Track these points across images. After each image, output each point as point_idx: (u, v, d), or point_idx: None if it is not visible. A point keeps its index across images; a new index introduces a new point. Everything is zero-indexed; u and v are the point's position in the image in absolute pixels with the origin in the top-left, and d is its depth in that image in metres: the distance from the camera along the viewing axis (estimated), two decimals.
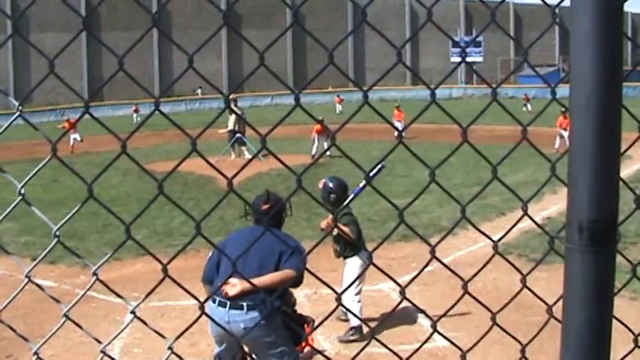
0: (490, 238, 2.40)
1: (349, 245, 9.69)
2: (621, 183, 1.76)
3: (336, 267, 10.05)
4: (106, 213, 14.04)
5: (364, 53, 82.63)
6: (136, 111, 52.09)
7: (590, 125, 1.66)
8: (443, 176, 16.79)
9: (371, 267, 2.42)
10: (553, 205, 16.43)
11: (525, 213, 2.31)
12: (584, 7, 1.64)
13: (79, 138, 33.18)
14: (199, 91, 70.39)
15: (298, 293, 7.37)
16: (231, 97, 66.55)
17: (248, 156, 28.16)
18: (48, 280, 11.94)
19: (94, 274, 2.14)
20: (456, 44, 78.83)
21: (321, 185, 9.99)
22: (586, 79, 1.65)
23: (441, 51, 79.78)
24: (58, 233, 2.00)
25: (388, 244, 13.65)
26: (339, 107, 55.04)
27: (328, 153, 26.00)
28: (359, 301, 9.57)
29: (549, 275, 9.62)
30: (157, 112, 1.86)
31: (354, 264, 9.69)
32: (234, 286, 6.67)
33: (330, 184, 9.94)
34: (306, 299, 10.83)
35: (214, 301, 6.86)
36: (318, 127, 27.88)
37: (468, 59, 74.72)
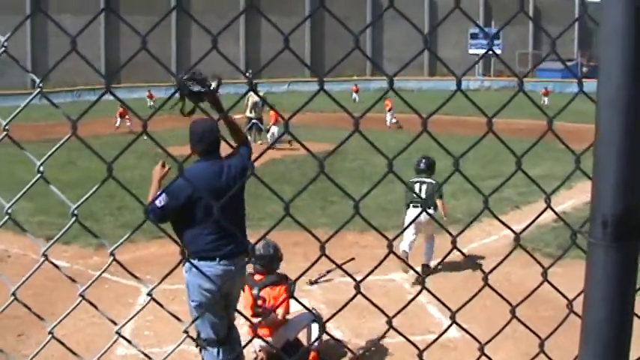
0: (512, 230, 2.38)
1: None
2: None
3: (348, 255, 10.06)
4: (122, 195, 14.05)
5: (382, 43, 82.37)
6: (150, 97, 51.67)
7: (617, 118, 1.64)
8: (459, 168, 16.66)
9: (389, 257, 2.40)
10: (568, 200, 16.38)
11: (548, 205, 2.29)
12: (615, 2, 1.62)
13: (128, 123, 34.11)
14: (248, 74, 70.53)
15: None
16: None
17: (260, 141, 28.32)
18: (61, 260, 11.98)
19: (111, 254, 2.15)
20: (474, 36, 78.54)
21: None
22: (615, 71, 1.63)
23: (459, 42, 79.44)
24: (76, 212, 2.00)
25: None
26: (355, 96, 54.87)
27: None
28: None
29: (564, 271, 9.53)
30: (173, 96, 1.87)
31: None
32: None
33: (424, 160, 11.94)
34: (318, 287, 10.85)
35: (213, 259, 6.79)
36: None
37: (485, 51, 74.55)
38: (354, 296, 2.48)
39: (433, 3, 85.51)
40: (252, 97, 28.12)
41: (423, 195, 11.75)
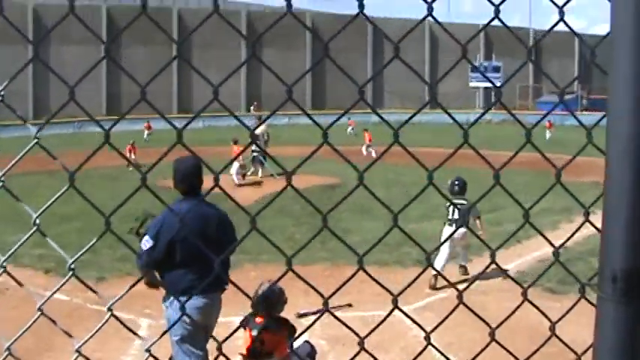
0: (521, 285, 2.38)
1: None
2: None
3: (349, 290, 9.99)
4: (120, 227, 13.89)
5: (383, 76, 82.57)
6: (149, 128, 51.06)
7: (628, 170, 1.58)
8: None
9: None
10: (569, 234, 16.33)
11: (557, 260, 2.28)
12: (625, 46, 1.57)
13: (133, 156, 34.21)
14: (252, 107, 71.55)
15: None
16: (255, 111, 66.58)
17: (260, 175, 28.59)
18: (60, 293, 11.90)
19: (109, 309, 2.20)
20: (474, 69, 78.94)
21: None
22: (625, 122, 1.57)
23: (460, 75, 79.72)
24: (72, 267, 2.02)
25: (402, 268, 13.64)
26: (350, 129, 54.45)
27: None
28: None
29: (562, 306, 9.52)
30: (172, 128, 1.89)
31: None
32: None
33: (457, 183, 14.54)
34: (318, 322, 10.78)
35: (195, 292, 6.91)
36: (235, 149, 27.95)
37: (486, 85, 73.87)
38: (358, 353, 2.48)
39: (434, 37, 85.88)
40: (257, 132, 28.35)
41: (456, 215, 13.86)
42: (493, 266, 2.19)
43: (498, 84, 76.09)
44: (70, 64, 58.85)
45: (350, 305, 10.22)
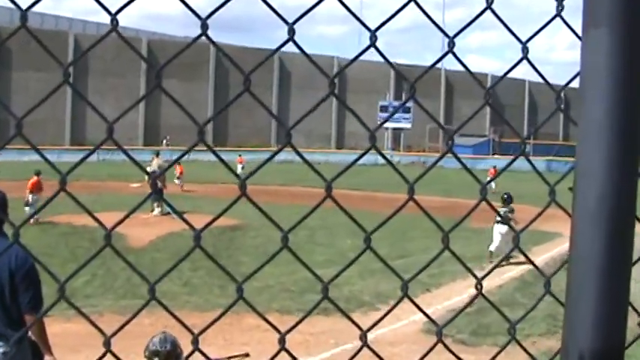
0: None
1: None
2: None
3: (248, 340, 9.89)
4: None
5: (288, 112, 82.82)
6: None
7: (599, 233, 1.40)
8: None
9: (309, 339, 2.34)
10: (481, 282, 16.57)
11: (511, 332, 2.21)
12: (597, 93, 1.40)
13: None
14: (165, 141, 70.82)
15: None
16: (166, 145, 65.93)
17: (156, 213, 27.86)
18: None
19: None
20: (383, 108, 79.88)
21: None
22: (597, 177, 1.40)
23: (368, 115, 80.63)
24: None
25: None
26: (239, 167, 51.46)
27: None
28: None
29: (477, 359, 9.63)
30: (65, 159, 1.82)
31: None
32: None
33: (506, 195, 21.15)
34: None
35: None
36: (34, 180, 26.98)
37: (396, 125, 74.80)
38: None
39: (343, 73, 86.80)
40: (152, 167, 28.09)
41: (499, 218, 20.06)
42: (407, 315, 2.14)
43: (408, 125, 77.37)
44: None
45: (247, 355, 10.05)
